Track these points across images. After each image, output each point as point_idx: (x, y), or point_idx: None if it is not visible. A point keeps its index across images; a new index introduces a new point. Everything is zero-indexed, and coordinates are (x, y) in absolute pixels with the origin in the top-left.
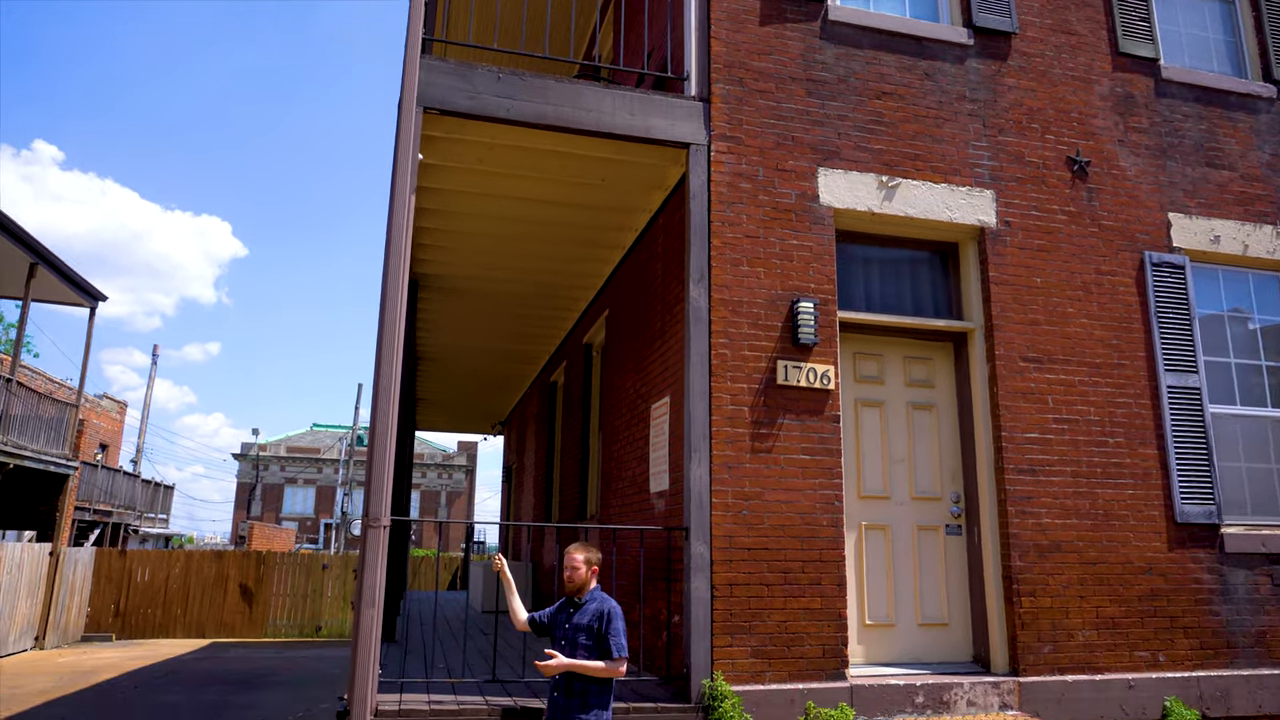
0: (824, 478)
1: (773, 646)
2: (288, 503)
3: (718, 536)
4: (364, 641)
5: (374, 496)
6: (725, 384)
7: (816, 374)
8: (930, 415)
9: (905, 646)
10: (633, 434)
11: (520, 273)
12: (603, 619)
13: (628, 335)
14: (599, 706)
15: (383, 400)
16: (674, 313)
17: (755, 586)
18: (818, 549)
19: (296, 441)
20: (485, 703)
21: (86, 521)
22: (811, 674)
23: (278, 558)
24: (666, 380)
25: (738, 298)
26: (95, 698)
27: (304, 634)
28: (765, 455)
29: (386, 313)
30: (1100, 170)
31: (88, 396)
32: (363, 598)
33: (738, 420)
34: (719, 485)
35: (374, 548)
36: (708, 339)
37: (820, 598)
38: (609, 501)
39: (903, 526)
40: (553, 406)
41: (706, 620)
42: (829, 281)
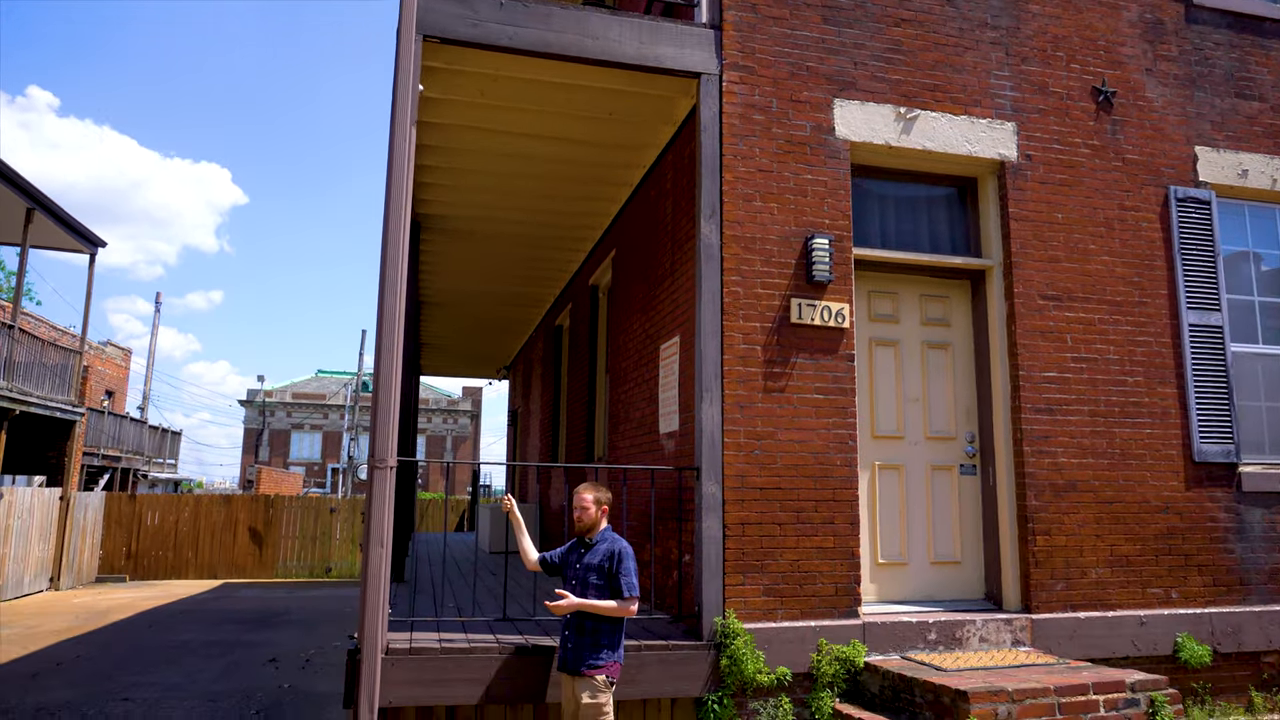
0: (838, 417)
1: (785, 585)
2: (294, 448)
3: (730, 476)
4: (373, 580)
5: (380, 437)
6: (738, 322)
7: (831, 312)
8: (946, 354)
9: (918, 585)
10: (641, 375)
11: (525, 213)
12: (613, 559)
13: (635, 275)
14: (609, 646)
15: (386, 340)
16: (684, 250)
17: (768, 526)
18: (831, 488)
19: (302, 388)
20: (496, 641)
21: (95, 467)
22: (824, 612)
23: (286, 501)
24: (676, 320)
25: (750, 234)
26: (111, 635)
27: (314, 575)
28: (778, 395)
29: (389, 247)
30: (1126, 101)
31: (91, 344)
32: (371, 537)
33: (750, 359)
34: (731, 425)
35: (381, 488)
36: (720, 276)
37: (833, 537)
38: (616, 443)
39: (917, 466)
40: (558, 350)
41: (718, 559)
42: (844, 217)
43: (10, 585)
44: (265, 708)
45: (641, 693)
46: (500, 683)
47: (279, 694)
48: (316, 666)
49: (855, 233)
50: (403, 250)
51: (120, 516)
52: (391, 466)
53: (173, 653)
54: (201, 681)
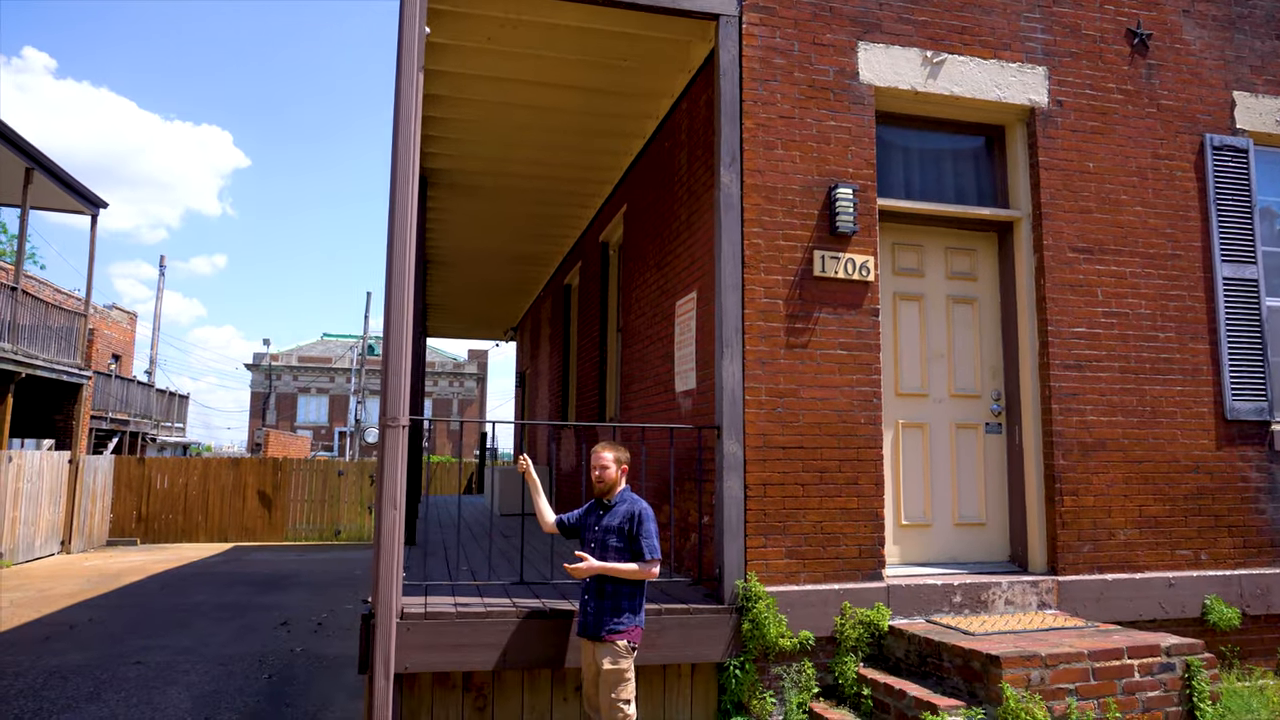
0: (862, 374)
1: (808, 547)
2: (301, 412)
3: (751, 435)
4: (387, 543)
5: (391, 396)
6: (759, 275)
7: (855, 265)
8: (971, 309)
9: (941, 547)
10: (655, 333)
11: (534, 166)
12: (633, 520)
13: (648, 230)
14: (630, 610)
15: (396, 292)
16: (701, 202)
17: (790, 486)
18: (855, 448)
19: (308, 351)
20: (513, 605)
21: (104, 431)
22: (847, 574)
23: (294, 464)
24: (693, 275)
25: (771, 183)
26: (122, 599)
27: (323, 538)
28: (801, 350)
29: (398, 189)
30: (1162, 44)
31: (96, 307)
32: (384, 499)
33: (772, 314)
34: (752, 382)
35: (393, 448)
36: (740, 228)
37: (857, 497)
38: (629, 403)
39: (941, 425)
40: (567, 309)
41: (740, 521)
42: (868, 166)
43: (21, 549)
44: (277, 671)
45: (661, 658)
46: (517, 648)
47: (291, 657)
48: (328, 629)
49: (879, 183)
50: (412, 192)
51: (130, 480)
52: (404, 425)
53: (184, 616)
54: (213, 645)
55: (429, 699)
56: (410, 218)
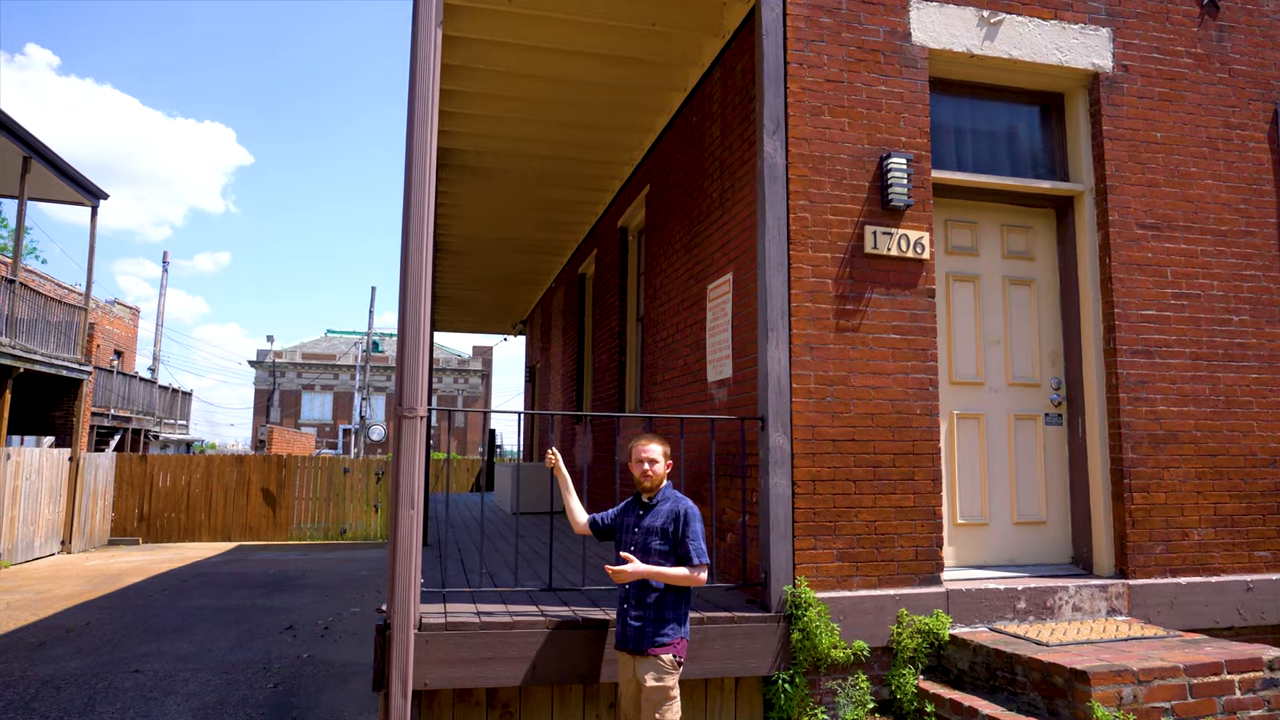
0: (917, 360)
1: (861, 549)
2: (306, 409)
3: (799, 426)
4: (404, 547)
5: (408, 383)
6: (805, 253)
7: (909, 241)
8: (1029, 291)
9: (999, 547)
10: (683, 320)
11: (551, 145)
12: (679, 520)
13: (674, 212)
14: (676, 620)
15: (414, 266)
16: (737, 178)
17: (841, 483)
18: (910, 440)
19: (312, 348)
20: (541, 613)
21: (105, 428)
22: (903, 578)
23: (299, 461)
24: (727, 255)
25: (819, 152)
26: (122, 601)
27: (328, 536)
28: (851, 334)
29: (415, 151)
30: (1233, 4)
31: (98, 302)
32: (400, 497)
33: (820, 295)
34: (799, 369)
35: (411, 441)
36: (785, 201)
37: (913, 494)
38: (653, 394)
39: (998, 415)
40: (581, 299)
41: (787, 520)
42: (922, 135)
43: (20, 549)
44: (283, 680)
45: (703, 671)
46: (547, 661)
47: (298, 664)
48: (336, 634)
49: (932, 154)
50: (430, 152)
51: (131, 478)
52: (422, 416)
53: (186, 619)
54: (216, 651)
55: (449, 718)
56: (428, 177)
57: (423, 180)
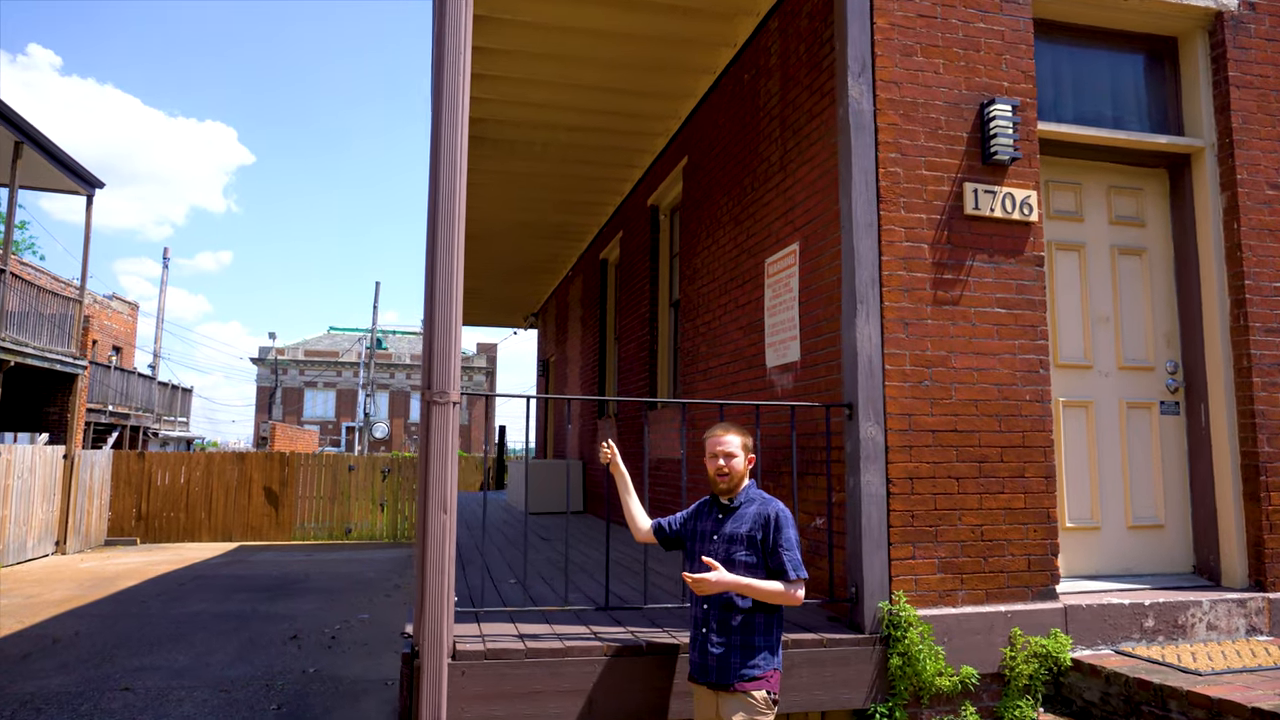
0: (1025, 338)
1: (965, 558)
2: (308, 406)
3: (893, 415)
4: (434, 559)
5: (439, 364)
6: (897, 213)
7: (1014, 201)
8: (1139, 262)
9: (1112, 554)
10: (732, 300)
11: (580, 114)
12: (769, 526)
13: (719, 183)
14: (767, 648)
15: (444, 230)
16: (803, 135)
17: (942, 480)
18: (1020, 431)
19: (314, 345)
20: (594, 637)
21: (103, 425)
22: (1014, 592)
23: (302, 459)
24: (791, 224)
25: (911, 98)
26: (114, 607)
27: (333, 536)
28: (951, 309)
29: (445, 101)
30: None
31: (95, 296)
32: (430, 498)
33: (915, 262)
34: (893, 348)
35: (442, 430)
36: (874, 153)
37: (1024, 494)
38: (693, 383)
39: (1108, 403)
40: (603, 287)
41: (881, 525)
42: (1026, 80)
43: (12, 549)
44: (288, 700)
45: (787, 704)
46: (606, 695)
47: (303, 680)
48: (344, 645)
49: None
50: (463, 97)
51: (129, 476)
52: (456, 401)
53: (182, 628)
54: (214, 665)
55: None
56: (461, 126)
57: (455, 129)
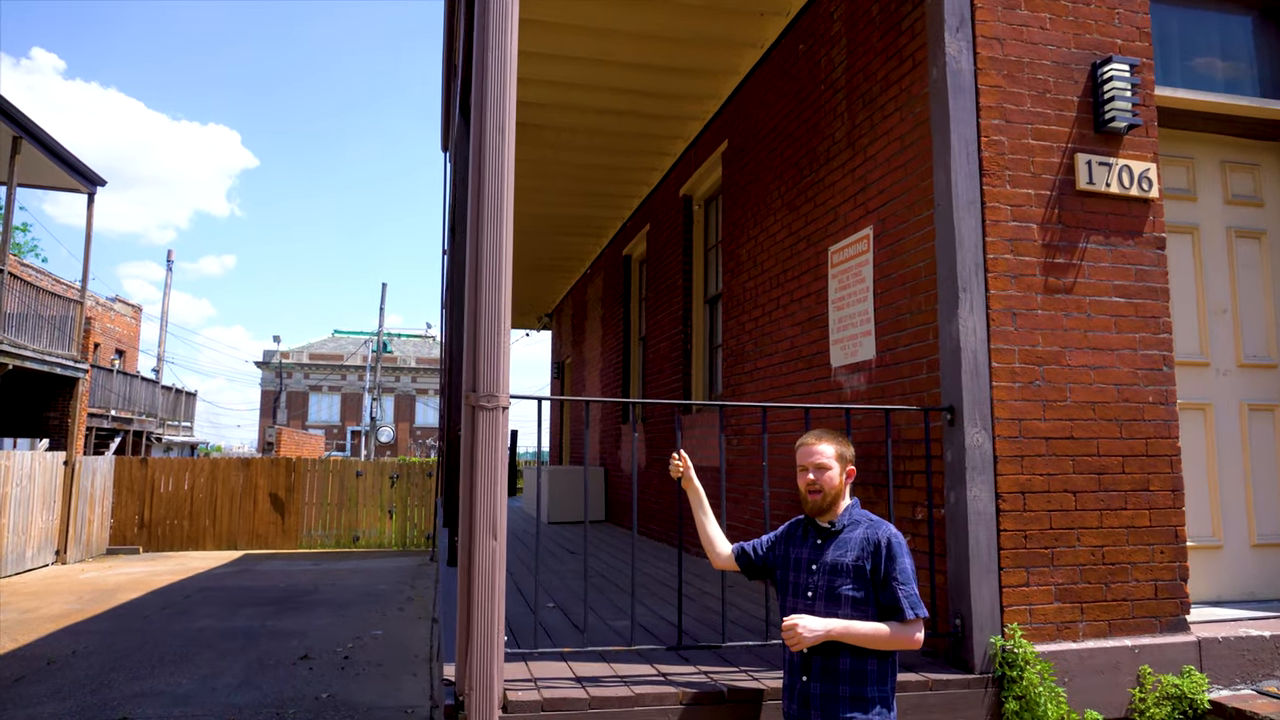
0: (1147, 331)
1: (1085, 584)
2: (313, 410)
3: (1002, 420)
4: (483, 595)
5: (485, 363)
6: (1002, 188)
7: (1132, 175)
8: (1258, 247)
9: (1234, 577)
10: (785, 293)
11: (610, 95)
12: (880, 554)
13: (767, 166)
14: (882, 700)
15: (492, 202)
16: (877, 106)
17: (1057, 495)
18: (1143, 437)
19: (319, 349)
20: (664, 679)
21: (105, 430)
22: (1141, 623)
23: (309, 465)
24: (863, 206)
25: (1015, 56)
26: (115, 624)
27: (340, 544)
28: (1063, 297)
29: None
30: None
31: (97, 299)
32: (477, 520)
33: (1023, 245)
34: (1000, 342)
35: (490, 440)
36: (975, 119)
37: (1149, 509)
38: (738, 385)
39: (1227, 405)
40: (626, 283)
41: (991, 547)
42: (1141, 37)
43: (11, 560)
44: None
45: None
46: None
47: (316, 708)
48: (358, 665)
49: None
50: (510, 57)
51: (131, 482)
52: (505, 407)
53: (186, 646)
54: (220, 689)
55: None
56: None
57: (501, 97)
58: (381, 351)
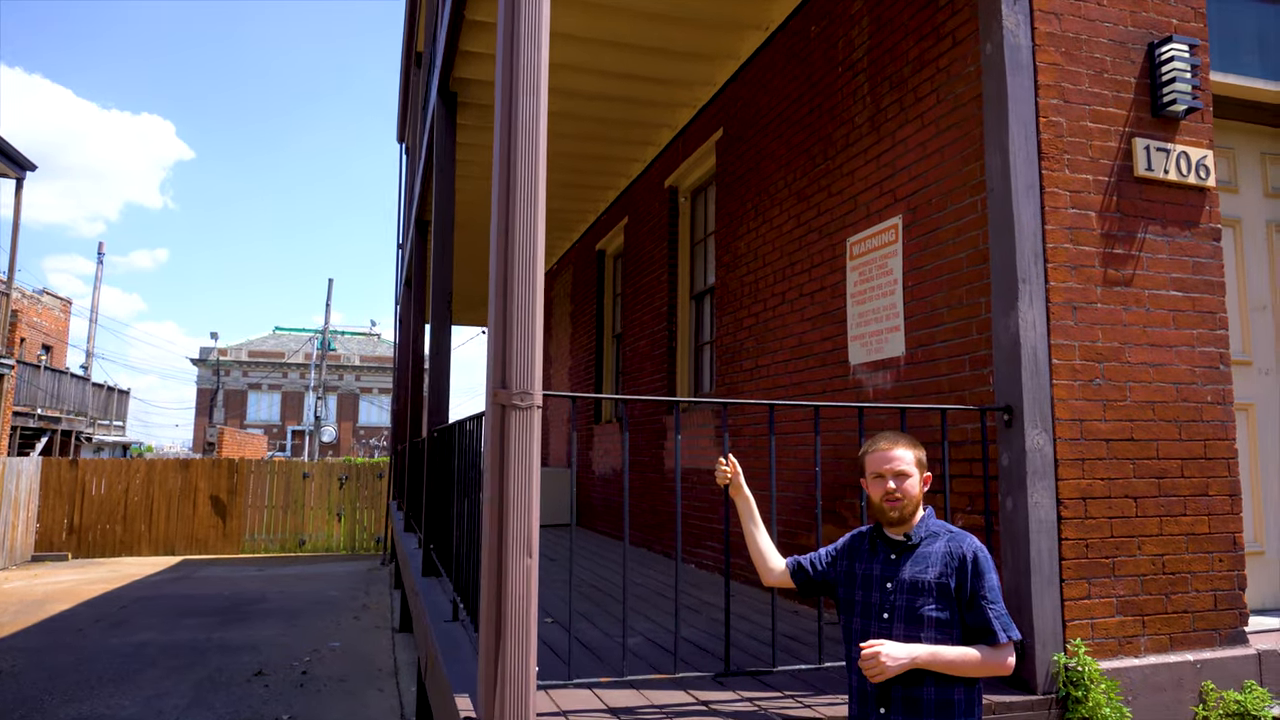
0: (1204, 327)
1: (1147, 595)
2: (252, 409)
3: (1062, 420)
4: (515, 621)
5: (518, 356)
6: (1061, 173)
7: (1190, 162)
8: None
9: (1275, 585)
10: (793, 287)
11: (600, 79)
12: (965, 570)
13: (774, 154)
14: None
15: (526, 169)
16: (909, 88)
17: (1118, 500)
18: (1201, 439)
19: (259, 346)
20: (707, 709)
21: (31, 429)
22: (1201, 637)
23: (252, 466)
24: (890, 194)
25: (1074, 32)
26: (45, 638)
27: (286, 549)
28: (1122, 290)
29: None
30: None
31: (23, 291)
32: (508, 537)
33: (1082, 234)
34: (1060, 338)
35: (523, 445)
36: (1034, 99)
37: (1208, 515)
38: (735, 384)
39: (1271, 406)
40: (600, 279)
41: (1052, 557)
42: (1197, 17)
43: None
44: None
45: None
46: None
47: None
48: (318, 681)
49: None
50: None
51: (60, 485)
52: (539, 406)
53: (127, 664)
54: (168, 711)
55: None
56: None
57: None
58: (327, 349)
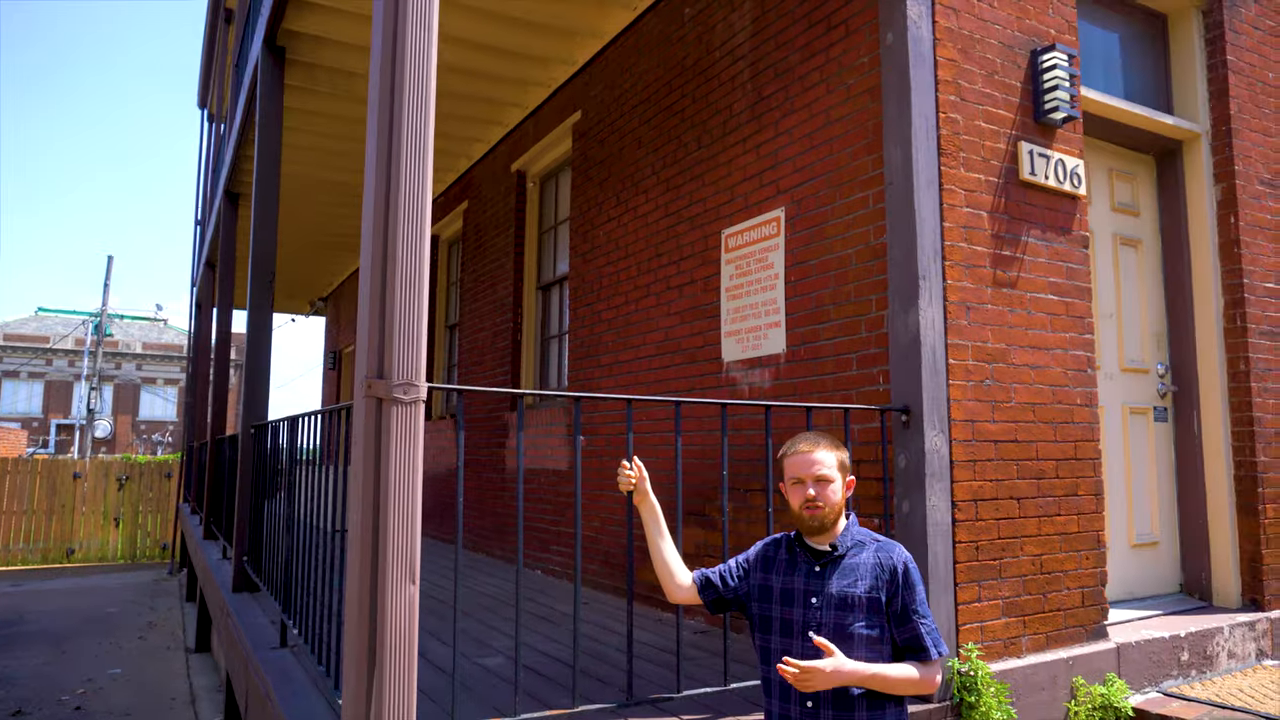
0: (1075, 331)
1: (1028, 596)
2: (7, 399)
3: (957, 421)
4: (396, 657)
5: (400, 343)
6: (958, 171)
7: (1065, 169)
8: (1136, 255)
9: (1118, 577)
10: (660, 280)
11: (452, 48)
12: (897, 582)
13: (641, 140)
14: None
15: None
16: (796, 76)
17: (1004, 502)
18: (1072, 440)
19: (18, 328)
20: None
21: None
22: (1072, 634)
23: (10, 465)
24: (773, 185)
25: (969, 30)
26: None
27: (49, 560)
28: (1009, 292)
29: None
30: None
31: None
32: (386, 559)
33: (975, 233)
34: (955, 337)
35: (405, 445)
36: (934, 93)
37: (1078, 514)
38: (592, 379)
39: (1112, 409)
40: (433, 267)
41: (948, 561)
42: (1070, 30)
43: None
44: None
45: None
46: None
47: None
48: (95, 717)
49: None
50: None
51: None
52: (423, 400)
53: None
54: None
55: None
56: None
57: None
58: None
